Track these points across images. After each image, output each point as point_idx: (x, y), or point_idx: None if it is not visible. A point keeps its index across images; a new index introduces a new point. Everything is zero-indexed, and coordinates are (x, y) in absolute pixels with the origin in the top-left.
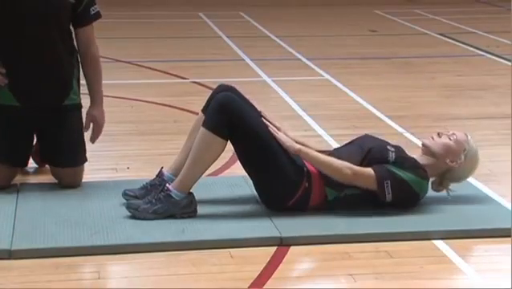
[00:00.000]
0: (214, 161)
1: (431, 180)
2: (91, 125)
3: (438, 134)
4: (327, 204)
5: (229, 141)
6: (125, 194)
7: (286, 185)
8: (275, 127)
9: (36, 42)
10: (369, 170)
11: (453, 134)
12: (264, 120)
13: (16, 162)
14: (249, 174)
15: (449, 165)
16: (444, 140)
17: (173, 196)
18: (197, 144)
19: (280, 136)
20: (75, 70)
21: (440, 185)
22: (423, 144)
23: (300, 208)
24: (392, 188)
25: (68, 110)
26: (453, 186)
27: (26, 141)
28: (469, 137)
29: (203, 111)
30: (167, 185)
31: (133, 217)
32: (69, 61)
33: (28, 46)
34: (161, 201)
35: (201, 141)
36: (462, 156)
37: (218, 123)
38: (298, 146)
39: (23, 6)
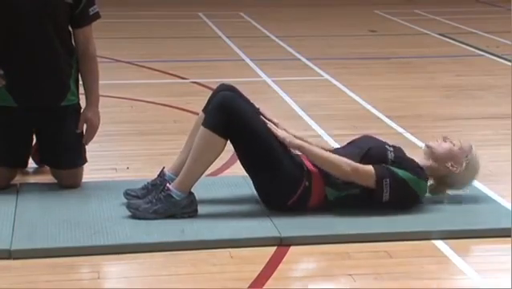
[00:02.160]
0: (214, 160)
1: (429, 182)
2: (85, 126)
3: (444, 138)
4: (326, 204)
5: (228, 141)
6: (126, 194)
7: (285, 184)
8: (274, 124)
9: (33, 42)
10: (369, 167)
11: (458, 141)
12: (263, 118)
13: (15, 163)
14: (248, 174)
15: (449, 170)
16: (449, 144)
17: (174, 196)
18: (197, 143)
19: (280, 132)
20: (73, 71)
21: (436, 188)
22: (426, 145)
23: (300, 207)
24: (390, 186)
25: (66, 111)
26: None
27: (25, 142)
28: (474, 148)
29: (204, 110)
30: (167, 184)
31: (134, 217)
32: (67, 62)
33: (25, 46)
34: (162, 201)
35: (200, 140)
36: (464, 164)
37: (218, 122)
38: (298, 142)
39: (20, 7)
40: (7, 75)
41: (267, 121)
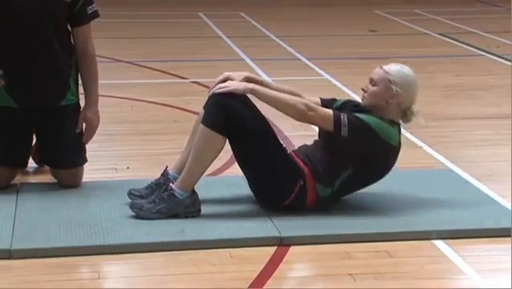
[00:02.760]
0: (215, 158)
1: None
2: (85, 126)
3: (363, 89)
4: (322, 202)
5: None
6: (130, 194)
7: (281, 184)
8: (222, 83)
9: (33, 42)
10: (327, 109)
11: (371, 79)
12: (214, 89)
13: (15, 163)
14: (244, 173)
15: (394, 102)
16: (370, 89)
17: (177, 195)
18: (197, 141)
19: (232, 85)
20: (72, 70)
21: (405, 116)
22: (363, 106)
23: (297, 207)
24: (349, 121)
25: (66, 111)
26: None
27: (25, 142)
28: (387, 67)
29: (204, 108)
30: (170, 184)
31: (137, 216)
32: (66, 61)
33: (24, 46)
34: (165, 200)
35: (200, 138)
36: (394, 88)
37: (216, 119)
38: (251, 85)
39: (20, 7)
40: (7, 75)
41: (217, 86)
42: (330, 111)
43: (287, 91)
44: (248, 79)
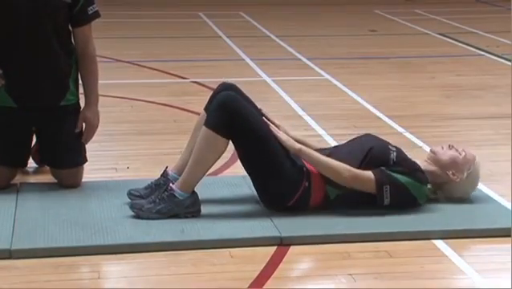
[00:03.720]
0: (217, 160)
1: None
2: (84, 126)
3: (449, 146)
4: (328, 203)
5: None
6: (130, 194)
7: (286, 185)
8: (275, 125)
9: (31, 42)
10: (369, 174)
11: (463, 151)
12: (265, 119)
13: (15, 163)
14: (249, 174)
15: (450, 178)
16: (454, 152)
17: (177, 195)
18: (199, 143)
19: (281, 135)
20: (72, 70)
21: (434, 193)
22: (431, 151)
23: (300, 208)
24: (390, 193)
25: (65, 111)
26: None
27: (25, 142)
28: (478, 159)
29: (205, 109)
30: (170, 184)
31: (137, 216)
32: (66, 61)
33: (23, 46)
34: (165, 200)
35: (202, 141)
36: (465, 173)
37: (220, 122)
38: (298, 146)
39: (20, 7)
40: (6, 75)
41: (269, 123)
42: (372, 179)
43: (321, 148)
44: (296, 140)
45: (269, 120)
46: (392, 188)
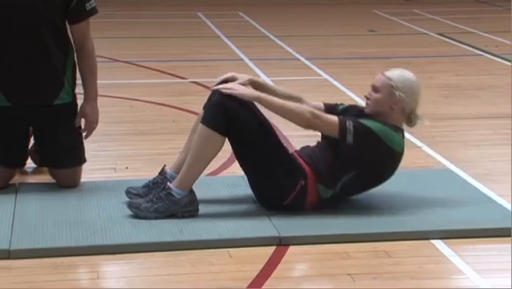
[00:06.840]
0: (214, 157)
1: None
2: (84, 122)
3: (366, 96)
4: (322, 203)
5: (227, 140)
6: (128, 192)
7: (282, 183)
8: (227, 81)
9: (25, 40)
10: (333, 116)
11: (373, 86)
12: (217, 86)
13: (12, 163)
14: (245, 172)
15: (398, 107)
16: (373, 96)
17: (174, 194)
18: (196, 140)
19: (238, 89)
20: (67, 69)
21: (410, 120)
22: (368, 114)
23: (297, 207)
24: (354, 129)
25: (60, 110)
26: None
27: (20, 141)
28: (388, 73)
29: (204, 107)
30: (168, 183)
31: (134, 216)
32: (61, 60)
33: (17, 44)
34: (162, 199)
35: (199, 138)
36: (397, 93)
37: (216, 119)
38: (257, 93)
39: (15, 5)
40: (0, 74)
41: (223, 86)
42: (335, 118)
43: (288, 95)
44: (252, 83)
45: (222, 81)
46: (357, 125)
